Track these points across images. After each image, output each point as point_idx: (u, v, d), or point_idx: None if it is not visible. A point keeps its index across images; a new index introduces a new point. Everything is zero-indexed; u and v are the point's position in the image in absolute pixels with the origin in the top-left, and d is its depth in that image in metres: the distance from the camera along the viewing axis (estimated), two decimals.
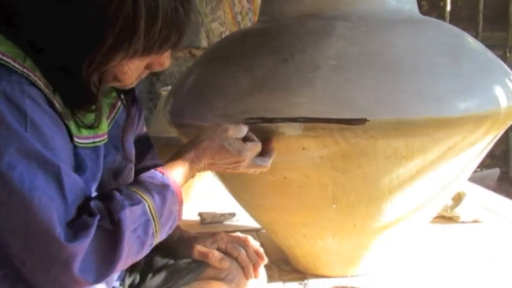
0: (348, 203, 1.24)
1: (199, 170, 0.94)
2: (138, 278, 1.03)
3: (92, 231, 0.74)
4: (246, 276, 1.03)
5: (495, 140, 1.33)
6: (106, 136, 0.89)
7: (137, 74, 0.85)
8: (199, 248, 1.03)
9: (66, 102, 0.80)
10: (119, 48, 0.76)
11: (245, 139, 1.01)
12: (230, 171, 1.00)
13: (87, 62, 0.76)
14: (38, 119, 0.74)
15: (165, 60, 0.84)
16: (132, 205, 0.79)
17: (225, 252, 1.03)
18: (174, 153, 0.95)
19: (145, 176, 0.85)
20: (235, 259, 1.04)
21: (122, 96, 0.95)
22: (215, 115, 1.19)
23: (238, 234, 1.09)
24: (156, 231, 0.82)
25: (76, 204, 0.76)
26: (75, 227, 0.74)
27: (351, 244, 1.36)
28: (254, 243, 1.07)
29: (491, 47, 1.40)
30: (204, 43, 4.79)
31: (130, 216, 0.78)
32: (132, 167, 1.00)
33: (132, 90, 0.95)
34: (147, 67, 0.85)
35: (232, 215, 1.98)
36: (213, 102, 1.22)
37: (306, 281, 1.44)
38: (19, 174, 0.71)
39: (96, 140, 0.86)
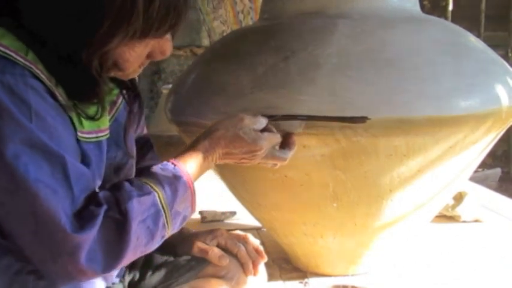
0: (349, 202, 1.24)
1: (215, 160, 0.94)
2: (137, 275, 1.03)
3: (98, 221, 0.75)
4: (245, 273, 1.03)
5: (496, 139, 1.33)
6: (108, 131, 0.89)
7: (139, 62, 0.84)
8: (199, 244, 1.03)
9: (69, 94, 0.80)
10: (117, 29, 0.76)
11: (264, 131, 1.00)
12: (247, 162, 0.98)
13: (87, 45, 0.76)
14: (42, 111, 0.74)
15: (166, 48, 0.84)
16: (141, 195, 0.79)
17: (225, 249, 1.03)
18: (189, 143, 0.94)
19: (157, 167, 0.86)
20: (235, 255, 1.04)
21: (124, 92, 0.94)
22: (216, 113, 1.19)
23: (238, 232, 1.08)
24: (167, 222, 0.83)
25: (83, 195, 0.76)
26: (82, 218, 0.74)
27: (351, 243, 1.36)
28: (254, 241, 1.07)
29: (493, 46, 1.40)
30: (206, 42, 4.79)
31: (138, 207, 0.78)
32: (133, 164, 0.99)
33: (134, 86, 0.95)
34: (148, 56, 0.85)
35: (233, 213, 1.98)
36: (214, 100, 1.22)
37: (306, 280, 1.44)
38: (24, 164, 0.71)
39: (100, 134, 0.86)
